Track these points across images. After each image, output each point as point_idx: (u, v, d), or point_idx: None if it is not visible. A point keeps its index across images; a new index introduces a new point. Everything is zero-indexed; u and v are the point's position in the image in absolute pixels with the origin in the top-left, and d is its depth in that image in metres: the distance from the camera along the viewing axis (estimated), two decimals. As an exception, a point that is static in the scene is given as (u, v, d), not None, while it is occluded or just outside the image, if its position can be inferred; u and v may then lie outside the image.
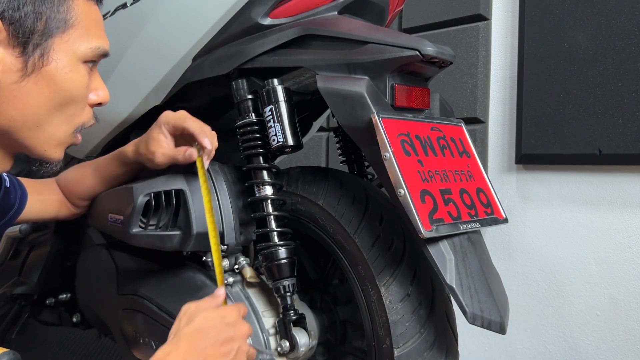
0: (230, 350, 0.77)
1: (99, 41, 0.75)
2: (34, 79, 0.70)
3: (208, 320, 0.77)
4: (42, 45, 0.70)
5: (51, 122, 0.74)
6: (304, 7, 0.98)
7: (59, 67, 0.71)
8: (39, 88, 0.71)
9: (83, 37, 0.73)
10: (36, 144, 0.74)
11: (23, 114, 0.71)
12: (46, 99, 0.71)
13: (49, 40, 0.70)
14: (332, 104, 0.90)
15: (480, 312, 0.82)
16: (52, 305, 1.41)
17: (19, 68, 0.69)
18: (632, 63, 1.45)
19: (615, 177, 1.52)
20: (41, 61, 0.70)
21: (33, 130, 0.73)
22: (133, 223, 1.00)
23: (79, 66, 0.74)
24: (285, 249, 0.98)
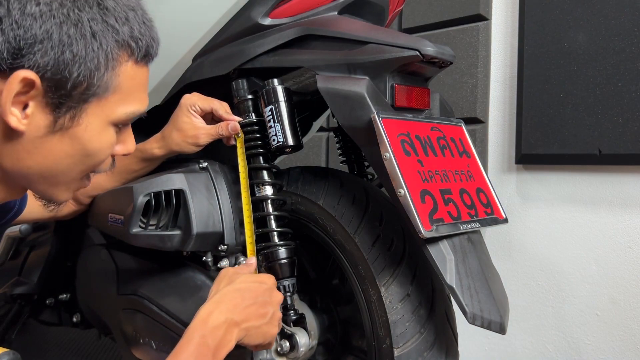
0: (267, 312, 0.82)
1: (137, 105, 0.71)
2: (59, 137, 0.66)
3: (247, 283, 0.82)
4: (76, 108, 0.66)
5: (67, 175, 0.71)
6: (304, 7, 0.98)
7: (87, 130, 0.67)
8: (62, 145, 0.67)
9: (120, 103, 0.69)
10: (46, 189, 0.72)
11: (41, 165, 0.68)
12: (67, 155, 0.68)
13: (84, 105, 0.66)
14: (332, 104, 0.90)
15: (480, 312, 0.82)
16: (52, 305, 1.41)
17: (47, 125, 0.65)
18: (632, 63, 1.45)
19: (615, 177, 1.52)
20: (71, 122, 0.66)
21: (48, 179, 0.70)
22: (133, 223, 1.00)
23: (108, 128, 0.70)
24: (285, 249, 0.98)
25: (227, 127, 0.99)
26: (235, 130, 0.99)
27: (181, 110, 1.00)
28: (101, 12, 0.65)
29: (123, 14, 0.67)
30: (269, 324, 0.82)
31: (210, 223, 0.99)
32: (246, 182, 0.98)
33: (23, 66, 0.61)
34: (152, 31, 0.71)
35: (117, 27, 0.66)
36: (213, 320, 0.75)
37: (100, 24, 0.65)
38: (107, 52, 0.65)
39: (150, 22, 0.71)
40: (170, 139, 1.00)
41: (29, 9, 0.61)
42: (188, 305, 1.01)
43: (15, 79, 0.61)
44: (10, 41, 0.61)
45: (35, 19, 0.61)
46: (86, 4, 0.64)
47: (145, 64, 0.72)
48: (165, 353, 1.02)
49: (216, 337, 0.75)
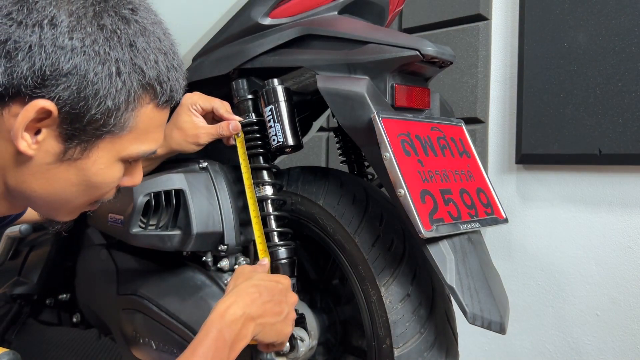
0: (282, 311, 0.83)
1: (151, 145, 0.70)
2: (65, 166, 0.66)
3: (265, 281, 0.83)
4: (88, 142, 0.65)
5: (70, 202, 0.70)
6: (304, 7, 0.98)
7: (95, 163, 0.67)
8: (68, 174, 0.66)
9: (133, 141, 0.68)
10: (48, 211, 0.72)
11: (45, 190, 0.67)
12: (71, 184, 0.67)
13: (96, 140, 0.65)
14: (332, 104, 0.90)
15: (480, 312, 0.82)
16: (52, 305, 1.41)
17: (56, 153, 0.64)
18: (632, 63, 1.45)
19: (615, 177, 1.52)
20: (80, 154, 0.65)
21: (50, 204, 0.70)
22: (133, 223, 1.00)
23: (116, 164, 0.69)
24: (286, 249, 0.98)
25: (227, 127, 0.98)
26: (236, 129, 0.99)
27: (182, 109, 0.99)
28: (131, 53, 0.64)
29: (153, 57, 0.66)
30: (283, 323, 0.83)
31: (210, 223, 0.99)
32: (250, 183, 0.99)
33: (43, 96, 0.60)
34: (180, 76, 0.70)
35: (145, 70, 0.65)
36: (230, 315, 0.76)
37: (129, 64, 0.63)
38: (129, 92, 0.64)
39: (180, 67, 0.70)
40: (170, 138, 1.00)
41: (60, 41, 0.60)
42: (188, 305, 1.01)
43: (33, 107, 0.60)
44: (36, 70, 0.59)
45: (66, 53, 0.60)
46: (118, 43, 0.63)
47: (167, 107, 0.71)
48: (165, 353, 1.02)
49: (233, 331, 0.76)
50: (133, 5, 0.66)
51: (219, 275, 1.04)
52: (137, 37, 0.64)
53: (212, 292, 1.02)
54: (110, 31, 0.62)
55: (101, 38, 0.62)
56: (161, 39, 0.67)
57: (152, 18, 0.68)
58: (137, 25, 0.65)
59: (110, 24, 0.62)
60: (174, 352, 1.00)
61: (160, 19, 0.70)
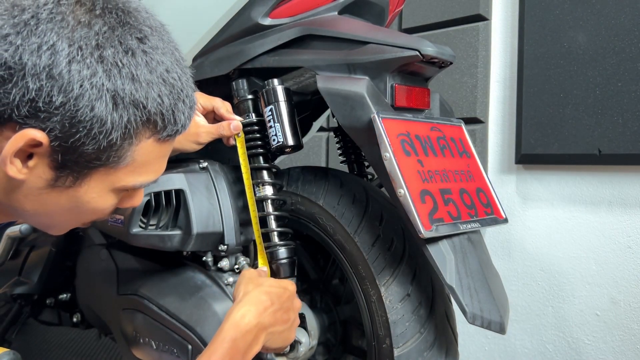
0: (290, 318, 0.83)
1: (149, 176, 0.67)
2: (57, 192, 0.63)
3: (275, 288, 0.83)
4: (80, 172, 0.62)
5: (62, 223, 0.69)
6: (304, 8, 0.98)
7: (87, 192, 0.64)
8: (60, 200, 0.64)
9: (129, 174, 0.64)
10: (42, 227, 0.71)
11: (37, 211, 0.65)
12: (63, 209, 0.65)
13: (90, 172, 0.62)
14: (332, 104, 0.90)
15: (480, 312, 0.82)
16: (52, 305, 1.41)
17: (47, 179, 0.61)
18: (632, 63, 1.45)
19: (615, 177, 1.52)
20: (72, 183, 0.62)
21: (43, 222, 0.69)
22: (133, 223, 1.00)
23: (110, 193, 0.66)
24: (286, 248, 0.98)
25: (228, 127, 0.99)
26: (237, 129, 0.99)
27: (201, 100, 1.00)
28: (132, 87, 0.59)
29: (157, 90, 0.61)
30: (289, 330, 0.83)
31: (210, 223, 0.99)
32: (250, 183, 0.99)
33: (35, 126, 0.57)
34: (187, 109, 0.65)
35: (146, 104, 0.60)
36: (245, 325, 0.76)
37: (127, 99, 0.59)
38: (127, 128, 0.60)
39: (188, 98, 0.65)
40: None
41: (56, 72, 0.56)
42: (188, 305, 1.01)
43: (23, 137, 0.57)
44: (28, 100, 0.56)
45: (60, 85, 0.56)
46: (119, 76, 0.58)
47: (171, 140, 0.66)
48: (165, 353, 1.02)
49: (247, 340, 0.76)
50: (144, 34, 0.61)
51: (219, 275, 1.04)
52: (141, 69, 0.59)
53: (212, 292, 1.02)
54: (110, 64, 0.58)
55: (100, 70, 0.57)
56: (170, 70, 0.62)
57: (163, 47, 0.62)
58: (144, 56, 0.60)
59: (113, 56, 0.58)
60: (174, 352, 1.00)
61: (174, 47, 0.64)
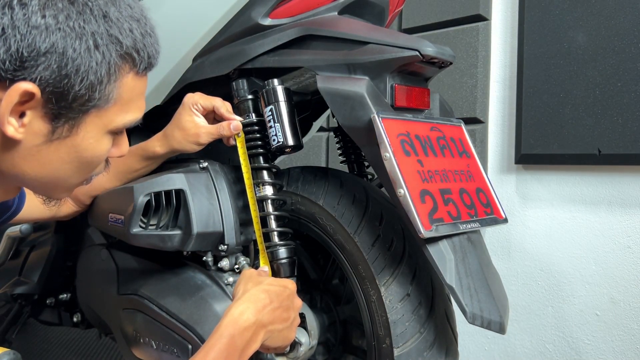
0: (290, 317, 0.83)
1: (136, 114, 0.71)
2: (56, 145, 0.66)
3: (274, 286, 0.83)
4: (74, 118, 0.65)
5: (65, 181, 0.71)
6: (304, 8, 0.98)
7: (84, 139, 0.67)
8: (59, 153, 0.67)
9: (119, 113, 0.69)
10: (43, 191, 0.73)
11: (37, 172, 0.68)
12: (63, 162, 0.68)
13: (83, 116, 0.66)
14: (332, 104, 0.90)
15: (480, 312, 0.82)
16: (52, 305, 1.41)
17: (44, 134, 0.65)
18: (632, 63, 1.45)
19: (614, 177, 1.52)
20: (69, 132, 0.66)
21: (44, 185, 0.71)
22: (133, 223, 1.00)
23: (105, 137, 0.70)
24: (286, 248, 0.98)
25: (229, 127, 0.99)
26: (237, 129, 0.99)
27: (184, 109, 1.00)
28: (106, 25, 0.63)
29: (127, 25, 0.65)
30: (289, 329, 0.83)
31: (211, 223, 0.99)
32: (251, 183, 0.99)
33: (25, 78, 0.60)
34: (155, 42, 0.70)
35: (121, 40, 0.65)
36: (244, 321, 0.76)
37: (105, 36, 0.63)
38: (110, 64, 0.64)
39: (154, 31, 0.70)
40: (172, 137, 1.01)
41: (34, 21, 0.59)
42: (188, 305, 1.01)
43: (16, 91, 0.60)
44: (12, 53, 0.59)
45: (41, 32, 0.59)
46: (92, 16, 0.62)
47: (146, 74, 0.72)
48: (165, 353, 1.02)
49: (245, 337, 0.76)
50: None
51: (219, 275, 1.04)
52: (109, 7, 0.64)
53: (213, 292, 1.02)
54: (81, 4, 0.62)
55: (74, 12, 0.61)
56: (132, 6, 0.67)
57: None
58: None
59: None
60: (174, 351, 1.00)
61: None
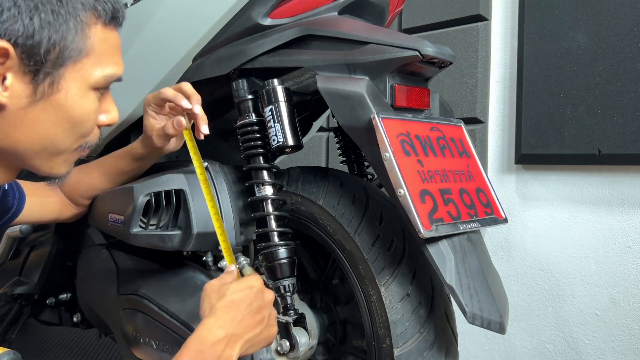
0: (264, 317, 0.81)
1: (113, 68, 0.73)
2: (42, 106, 0.68)
3: (238, 292, 0.80)
4: (53, 73, 0.67)
5: (58, 145, 0.72)
6: (304, 8, 0.98)
7: (68, 95, 0.69)
8: (47, 114, 0.69)
9: (96, 65, 0.71)
10: (42, 164, 0.74)
11: (29, 137, 0.70)
12: (53, 124, 0.70)
13: (60, 69, 0.68)
14: (332, 104, 0.90)
15: (479, 312, 0.82)
16: (52, 305, 1.41)
17: (28, 94, 0.67)
18: (632, 63, 1.45)
19: (614, 177, 1.52)
20: (51, 89, 0.68)
21: (39, 153, 0.72)
22: (133, 223, 1.00)
23: (89, 93, 0.72)
24: (285, 248, 0.98)
25: (172, 125, 0.95)
26: (180, 126, 0.94)
27: (144, 112, 0.99)
28: None
29: None
30: (267, 327, 0.82)
31: (211, 223, 0.99)
32: (204, 178, 0.92)
33: None
34: None
35: None
36: (213, 336, 0.75)
37: None
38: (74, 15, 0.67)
39: None
40: (144, 137, 1.01)
41: None
42: (188, 305, 1.01)
43: None
44: None
45: None
46: None
47: (114, 28, 0.74)
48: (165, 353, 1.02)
49: (215, 352, 0.74)
50: None
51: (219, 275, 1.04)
52: None
53: (213, 292, 1.02)
54: None
55: None
56: None
57: None
58: None
59: None
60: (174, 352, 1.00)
61: None
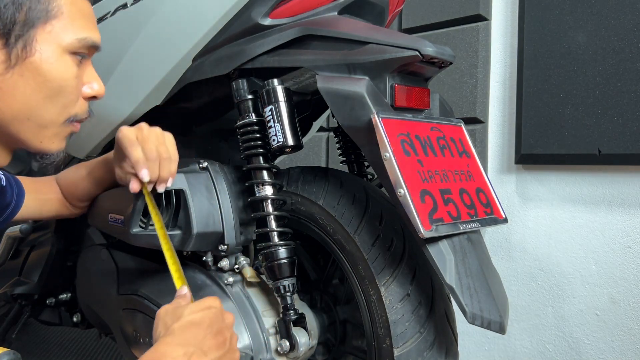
0: (225, 339, 0.74)
1: (86, 32, 0.74)
2: (18, 71, 0.70)
3: (196, 313, 0.73)
4: (24, 36, 0.69)
5: (42, 114, 0.73)
6: (304, 8, 0.98)
7: (42, 58, 0.71)
8: (25, 80, 0.70)
9: (67, 28, 0.72)
10: (30, 137, 0.74)
11: (11, 106, 0.71)
12: (33, 90, 0.71)
13: (30, 30, 0.69)
14: (332, 104, 0.90)
15: (479, 312, 0.82)
16: (52, 305, 1.41)
17: (2, 60, 0.68)
18: (632, 63, 1.45)
19: (614, 177, 1.52)
20: (24, 52, 0.69)
21: (24, 123, 0.73)
22: (133, 223, 1.00)
23: (64, 57, 0.73)
24: (285, 248, 0.98)
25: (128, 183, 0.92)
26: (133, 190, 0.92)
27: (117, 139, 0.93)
28: None
29: None
30: (229, 352, 0.74)
31: (210, 223, 0.99)
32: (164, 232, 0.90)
33: None
34: None
35: None
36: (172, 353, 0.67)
37: None
38: None
39: None
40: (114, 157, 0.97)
41: None
42: (188, 305, 1.01)
43: None
44: None
45: None
46: None
47: None
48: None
49: None
50: None
51: (219, 275, 1.04)
52: None
53: (213, 292, 1.02)
54: None
55: None
56: None
57: None
58: None
59: None
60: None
61: None
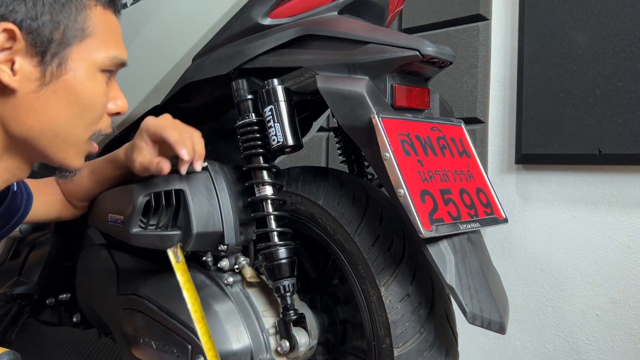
0: None
1: (117, 50, 0.76)
2: (52, 89, 0.70)
3: None
4: (60, 54, 0.70)
5: (70, 131, 0.74)
6: (304, 7, 0.98)
7: (76, 76, 0.71)
8: (57, 97, 0.71)
9: (101, 47, 0.73)
10: (55, 153, 0.75)
11: (41, 123, 0.71)
12: (64, 108, 0.72)
13: (66, 49, 0.70)
14: (332, 104, 0.90)
15: (480, 312, 0.82)
16: (52, 305, 1.41)
17: (37, 77, 0.69)
18: (632, 63, 1.45)
19: (615, 177, 1.52)
20: (59, 70, 0.70)
21: (52, 140, 0.73)
22: (133, 223, 1.00)
23: (96, 75, 0.74)
24: (285, 248, 0.98)
25: (156, 165, 0.95)
26: (161, 172, 0.95)
27: (139, 132, 0.96)
28: None
29: None
30: None
31: (210, 223, 0.99)
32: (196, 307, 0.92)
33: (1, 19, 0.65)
34: None
35: None
36: None
37: None
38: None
39: None
40: (126, 153, 0.99)
41: None
42: (188, 305, 1.01)
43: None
44: None
45: None
46: None
47: (114, 13, 0.77)
48: (165, 353, 1.02)
49: None
50: None
51: (219, 275, 1.04)
52: None
53: (212, 292, 1.02)
54: None
55: None
56: None
57: None
58: None
59: None
60: (174, 352, 1.00)
61: None
